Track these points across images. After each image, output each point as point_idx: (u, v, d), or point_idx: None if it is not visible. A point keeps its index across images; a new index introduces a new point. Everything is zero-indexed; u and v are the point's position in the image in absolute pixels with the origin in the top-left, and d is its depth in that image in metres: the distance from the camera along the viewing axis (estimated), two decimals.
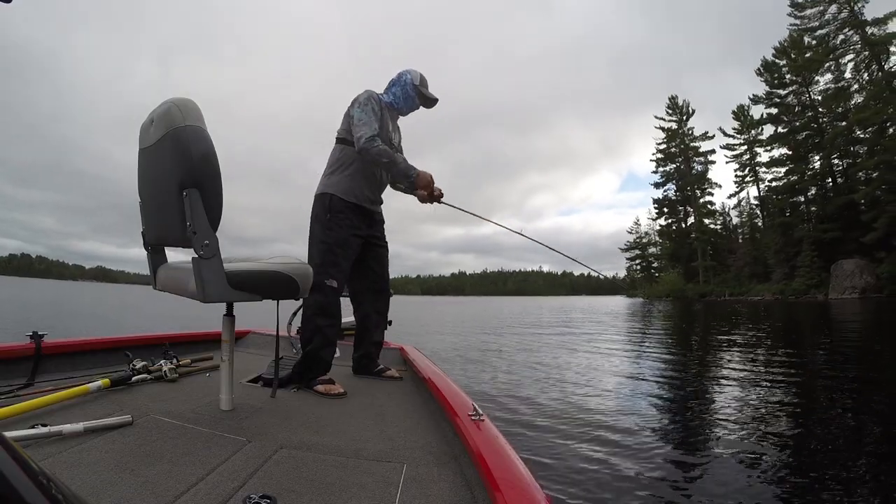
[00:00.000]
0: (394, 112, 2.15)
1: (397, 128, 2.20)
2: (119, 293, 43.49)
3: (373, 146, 1.92)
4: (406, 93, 2.12)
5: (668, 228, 55.59)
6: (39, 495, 0.30)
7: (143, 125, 1.49)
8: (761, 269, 41.34)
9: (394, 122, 2.16)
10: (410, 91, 2.11)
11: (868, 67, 33.57)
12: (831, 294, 30.12)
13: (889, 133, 30.66)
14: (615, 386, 4.53)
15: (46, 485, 0.32)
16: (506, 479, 0.96)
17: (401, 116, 2.21)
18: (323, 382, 1.88)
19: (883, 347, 7.52)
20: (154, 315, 13.72)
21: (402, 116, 2.21)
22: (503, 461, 1.05)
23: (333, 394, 1.83)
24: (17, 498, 0.29)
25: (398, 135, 2.21)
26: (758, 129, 44.54)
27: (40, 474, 0.32)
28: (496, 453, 1.10)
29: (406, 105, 2.13)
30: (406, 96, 2.12)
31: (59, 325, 9.25)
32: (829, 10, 34.99)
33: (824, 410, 3.66)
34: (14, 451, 0.31)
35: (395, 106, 2.13)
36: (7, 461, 0.30)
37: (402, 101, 2.12)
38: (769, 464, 2.46)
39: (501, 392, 4.20)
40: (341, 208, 1.99)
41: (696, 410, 3.70)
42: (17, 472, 0.30)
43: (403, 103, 2.13)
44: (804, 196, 39.70)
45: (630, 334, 10.90)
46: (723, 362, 6.05)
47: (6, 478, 0.29)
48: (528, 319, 17.44)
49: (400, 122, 2.27)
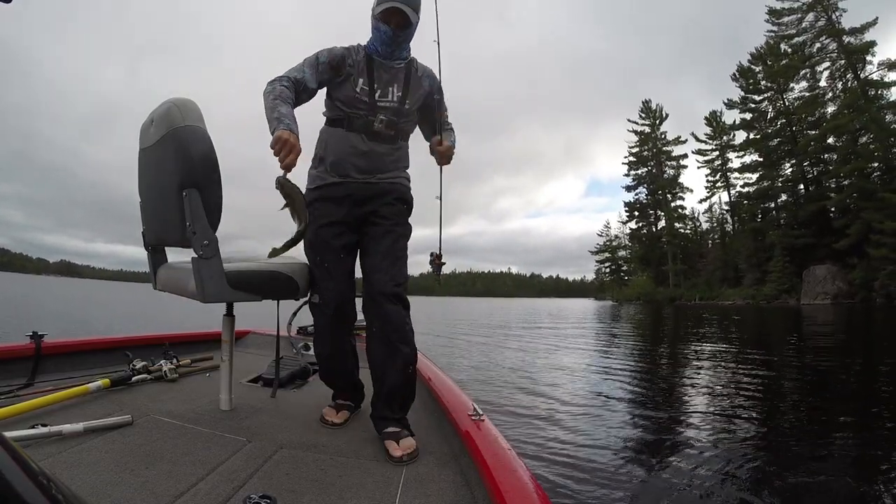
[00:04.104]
0: (380, 61, 1.55)
1: (399, 81, 1.58)
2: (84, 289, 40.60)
3: (265, 90, 1.43)
4: (372, 29, 1.55)
5: (639, 232, 55.40)
6: (39, 495, 0.30)
7: (143, 125, 1.49)
8: (732, 273, 41.31)
9: (389, 74, 1.56)
10: (373, 24, 1.53)
11: (843, 76, 33.80)
12: (803, 299, 30.18)
13: (862, 141, 31.02)
14: (611, 389, 4.53)
15: (46, 485, 0.32)
16: (506, 479, 0.96)
17: (395, 65, 1.57)
18: (330, 405, 1.62)
19: (855, 350, 7.82)
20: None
21: (394, 62, 1.57)
22: (503, 461, 1.05)
23: (326, 419, 1.52)
24: (17, 498, 0.29)
25: (397, 89, 1.57)
26: (730, 135, 44.90)
27: (40, 474, 0.32)
28: (496, 453, 1.10)
29: (378, 42, 1.53)
30: (373, 33, 1.55)
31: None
32: (806, 17, 35.18)
33: (793, 408, 3.82)
34: (14, 451, 0.31)
35: (374, 52, 1.55)
36: (7, 461, 0.30)
37: (374, 42, 1.55)
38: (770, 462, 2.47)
39: (501, 392, 4.20)
40: (311, 201, 1.53)
41: (695, 410, 3.69)
42: (17, 472, 0.30)
43: (378, 44, 1.54)
44: (775, 202, 39.92)
45: (610, 336, 10.98)
46: (718, 363, 6.08)
47: (6, 478, 0.29)
48: (497, 321, 17.41)
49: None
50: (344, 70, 1.52)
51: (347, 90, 1.52)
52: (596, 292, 69.41)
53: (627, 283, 56.25)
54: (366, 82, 1.53)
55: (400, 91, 1.57)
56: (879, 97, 31.05)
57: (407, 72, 1.60)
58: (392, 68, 1.57)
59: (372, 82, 1.54)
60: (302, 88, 1.47)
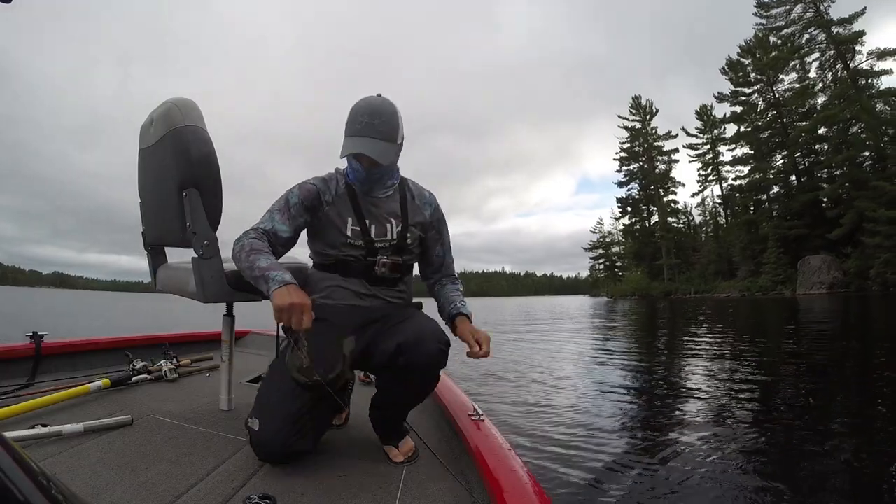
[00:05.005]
0: (364, 193, 1.31)
1: (394, 212, 1.33)
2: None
3: (233, 252, 1.20)
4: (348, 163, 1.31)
5: (632, 227, 55.47)
6: (39, 495, 0.30)
7: (143, 125, 1.49)
8: (726, 266, 41.30)
9: (379, 207, 1.32)
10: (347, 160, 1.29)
11: (833, 66, 33.93)
12: (799, 290, 30.10)
13: (853, 130, 31.13)
14: (611, 386, 4.53)
15: (46, 485, 0.32)
16: (506, 479, 0.96)
17: (383, 195, 1.33)
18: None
19: (852, 339, 7.83)
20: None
21: (381, 193, 1.33)
22: (503, 461, 1.06)
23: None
24: (17, 498, 0.29)
25: (396, 224, 1.32)
26: (721, 129, 44.89)
27: (40, 474, 0.32)
28: (496, 453, 1.10)
29: (353, 177, 1.30)
30: (348, 164, 1.31)
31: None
32: (794, 9, 35.22)
33: (791, 400, 3.84)
34: (14, 451, 0.31)
35: (354, 183, 1.31)
36: (7, 461, 0.30)
37: (350, 173, 1.31)
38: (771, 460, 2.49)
39: (501, 392, 4.21)
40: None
41: (695, 406, 3.69)
42: (17, 472, 0.30)
43: (352, 175, 1.30)
44: (767, 194, 39.96)
45: (607, 332, 10.96)
46: (715, 357, 6.08)
47: (6, 478, 0.29)
48: (494, 319, 17.31)
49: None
50: (321, 209, 1.28)
51: (334, 235, 1.28)
52: (590, 289, 69.40)
53: (622, 278, 56.09)
54: (355, 221, 1.28)
55: (399, 225, 1.32)
56: (870, 86, 31.21)
57: (402, 199, 1.35)
58: (380, 199, 1.32)
59: (363, 220, 1.28)
60: (274, 240, 1.23)
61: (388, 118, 1.21)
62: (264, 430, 1.09)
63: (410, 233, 1.33)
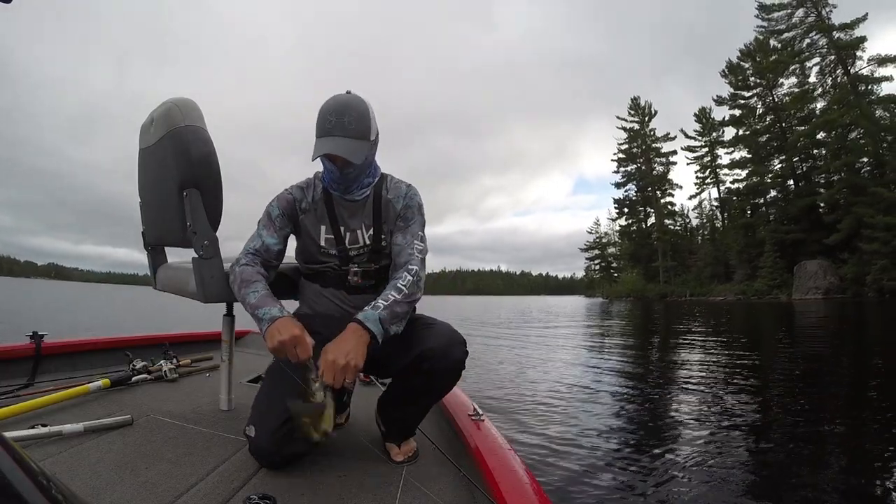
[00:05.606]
0: (340, 198, 1.28)
1: (367, 215, 1.29)
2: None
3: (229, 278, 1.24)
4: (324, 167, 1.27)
5: (629, 228, 55.50)
6: (39, 495, 0.30)
7: (143, 125, 1.49)
8: (722, 269, 41.31)
9: (352, 211, 1.29)
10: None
11: (833, 71, 33.92)
12: (795, 294, 30.13)
13: (852, 136, 31.11)
14: (610, 387, 4.53)
15: (46, 485, 0.32)
16: (506, 479, 0.97)
17: (359, 196, 1.28)
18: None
19: (847, 344, 7.89)
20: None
21: (357, 195, 1.27)
22: (503, 461, 1.06)
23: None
24: (17, 498, 0.29)
25: (366, 228, 1.29)
26: (719, 132, 44.95)
27: (40, 474, 0.32)
28: (496, 453, 1.10)
29: (328, 179, 1.27)
30: (323, 169, 1.28)
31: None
32: (796, 13, 35.22)
33: (786, 403, 3.84)
34: (14, 451, 0.31)
35: (330, 186, 1.28)
36: (7, 461, 0.30)
37: (325, 175, 1.28)
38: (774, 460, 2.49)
39: (501, 392, 4.21)
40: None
41: (692, 408, 3.70)
42: (17, 472, 0.30)
43: (327, 177, 1.27)
44: (765, 198, 39.97)
45: (603, 333, 10.98)
46: (711, 360, 6.09)
47: (6, 478, 0.29)
48: (491, 318, 17.35)
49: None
50: (299, 217, 1.28)
51: (310, 245, 1.28)
52: (586, 289, 69.52)
53: (617, 279, 56.28)
54: (329, 229, 1.27)
55: (371, 229, 1.28)
56: (869, 92, 31.19)
57: (376, 198, 1.30)
58: (355, 202, 1.28)
59: (337, 228, 1.27)
60: (267, 255, 1.25)
61: (359, 115, 1.16)
62: (259, 437, 1.10)
63: (385, 234, 1.30)
